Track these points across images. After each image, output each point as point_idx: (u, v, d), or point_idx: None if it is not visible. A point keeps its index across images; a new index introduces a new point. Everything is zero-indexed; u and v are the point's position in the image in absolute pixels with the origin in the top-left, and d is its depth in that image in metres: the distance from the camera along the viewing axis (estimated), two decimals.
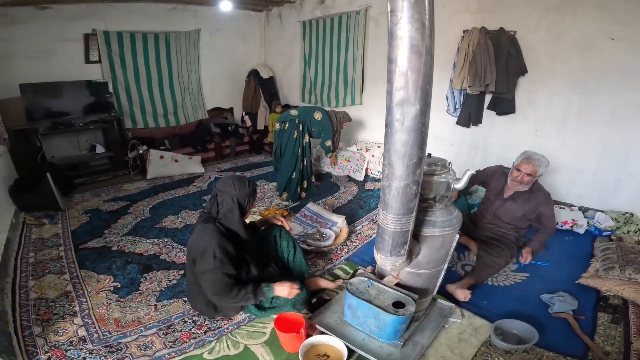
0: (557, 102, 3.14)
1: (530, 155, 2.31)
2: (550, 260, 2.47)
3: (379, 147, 4.49)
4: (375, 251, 1.29)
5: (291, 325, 1.67)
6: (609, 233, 2.80)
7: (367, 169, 4.37)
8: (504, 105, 3.35)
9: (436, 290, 1.59)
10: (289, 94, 5.50)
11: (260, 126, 5.34)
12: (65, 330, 1.77)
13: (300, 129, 3.43)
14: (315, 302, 1.97)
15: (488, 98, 3.46)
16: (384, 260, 1.27)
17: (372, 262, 2.34)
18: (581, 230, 2.87)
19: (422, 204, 1.40)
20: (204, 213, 1.81)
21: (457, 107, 3.66)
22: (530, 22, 3.12)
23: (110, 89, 4.16)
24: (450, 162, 1.54)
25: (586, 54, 2.90)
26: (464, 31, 3.42)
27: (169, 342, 1.71)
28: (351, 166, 4.25)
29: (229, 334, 1.76)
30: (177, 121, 4.85)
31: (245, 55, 5.40)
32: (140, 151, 4.20)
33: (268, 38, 5.54)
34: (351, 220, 3.02)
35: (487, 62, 3.19)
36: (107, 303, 1.98)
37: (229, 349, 1.67)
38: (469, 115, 3.56)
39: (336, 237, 2.70)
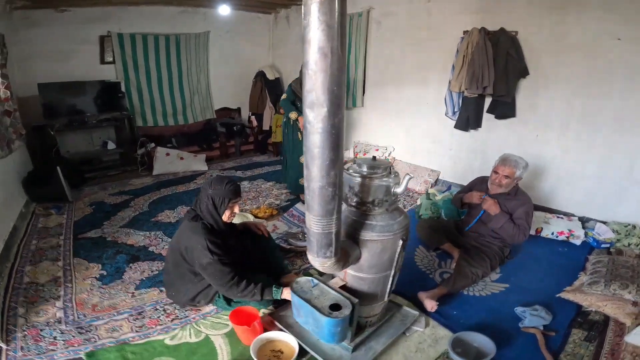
0: (559, 106, 2.99)
1: (507, 157, 2.29)
2: (537, 272, 2.36)
3: (376, 149, 4.48)
4: (307, 251, 1.30)
5: (247, 319, 1.70)
6: (608, 245, 2.63)
7: None
8: (503, 109, 3.23)
9: (387, 296, 1.56)
10: None
11: (266, 126, 5.40)
12: (46, 312, 1.89)
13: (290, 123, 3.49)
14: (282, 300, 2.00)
15: (488, 101, 3.34)
16: (313, 260, 1.27)
17: None
18: (578, 242, 2.71)
19: (361, 207, 1.38)
20: (192, 210, 1.88)
21: (455, 110, 3.57)
22: (532, 22, 2.99)
23: (123, 89, 4.37)
24: (392, 166, 1.51)
25: (590, 55, 2.75)
26: (464, 32, 3.32)
27: (136, 326, 1.80)
28: None
29: (193, 323, 1.83)
30: (185, 120, 5.02)
31: (254, 57, 5.49)
32: (149, 148, 4.39)
33: (276, 40, 5.61)
34: None
35: (485, 63, 3.09)
36: (90, 289, 2.10)
37: (190, 337, 1.74)
38: (467, 119, 3.45)
39: None
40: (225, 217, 1.83)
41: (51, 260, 2.41)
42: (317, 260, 1.24)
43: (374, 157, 1.52)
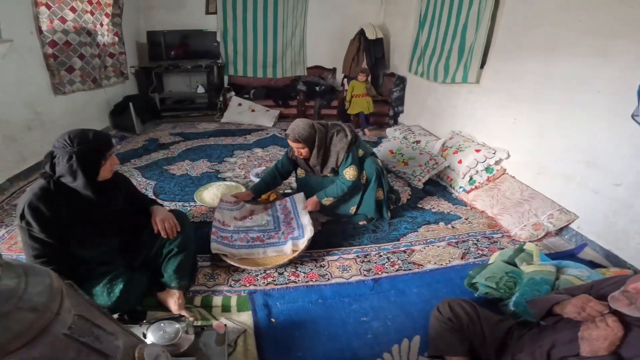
0: None
1: None
2: None
3: (477, 151, 2.87)
4: None
5: None
6: None
7: (446, 177, 2.93)
8: None
9: None
10: (399, 62, 4.19)
11: None
12: None
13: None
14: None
15: None
16: None
17: (272, 317, 1.48)
18: None
19: None
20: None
21: None
22: None
23: (218, 38, 4.21)
24: None
25: None
26: None
27: None
28: (404, 173, 2.90)
29: None
30: (274, 73, 4.56)
31: (361, 13, 4.33)
32: (228, 96, 4.24)
33: None
34: (332, 243, 1.96)
35: None
36: None
37: None
38: None
39: (278, 255, 1.83)
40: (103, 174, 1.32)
41: None
42: None
43: None
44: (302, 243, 1.83)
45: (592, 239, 2.06)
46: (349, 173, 1.96)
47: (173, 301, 1.44)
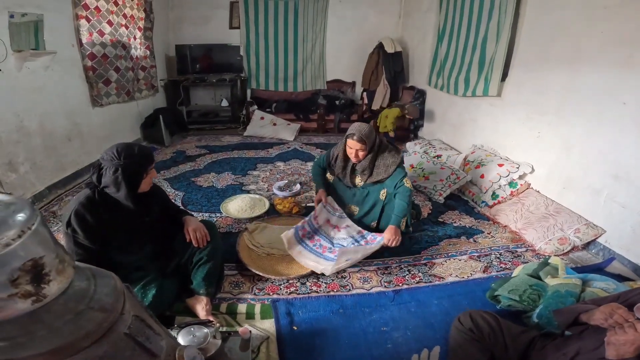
0: None
1: None
2: None
3: (500, 165, 2.82)
4: None
5: None
6: None
7: (467, 191, 2.89)
8: None
9: None
10: (418, 76, 4.21)
11: (376, 106, 4.41)
12: None
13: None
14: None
15: None
16: None
17: (294, 325, 1.51)
18: None
19: None
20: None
21: None
22: None
23: (242, 52, 4.39)
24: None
25: None
26: None
27: None
28: (425, 188, 2.89)
29: None
30: (295, 87, 4.68)
31: (379, 27, 4.41)
32: (251, 110, 4.37)
33: (408, 8, 4.28)
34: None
35: None
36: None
37: None
38: None
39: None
40: (142, 187, 1.42)
41: None
42: None
43: None
44: (323, 267, 1.81)
45: (620, 252, 2.00)
46: (409, 182, 2.06)
47: (201, 307, 1.49)
